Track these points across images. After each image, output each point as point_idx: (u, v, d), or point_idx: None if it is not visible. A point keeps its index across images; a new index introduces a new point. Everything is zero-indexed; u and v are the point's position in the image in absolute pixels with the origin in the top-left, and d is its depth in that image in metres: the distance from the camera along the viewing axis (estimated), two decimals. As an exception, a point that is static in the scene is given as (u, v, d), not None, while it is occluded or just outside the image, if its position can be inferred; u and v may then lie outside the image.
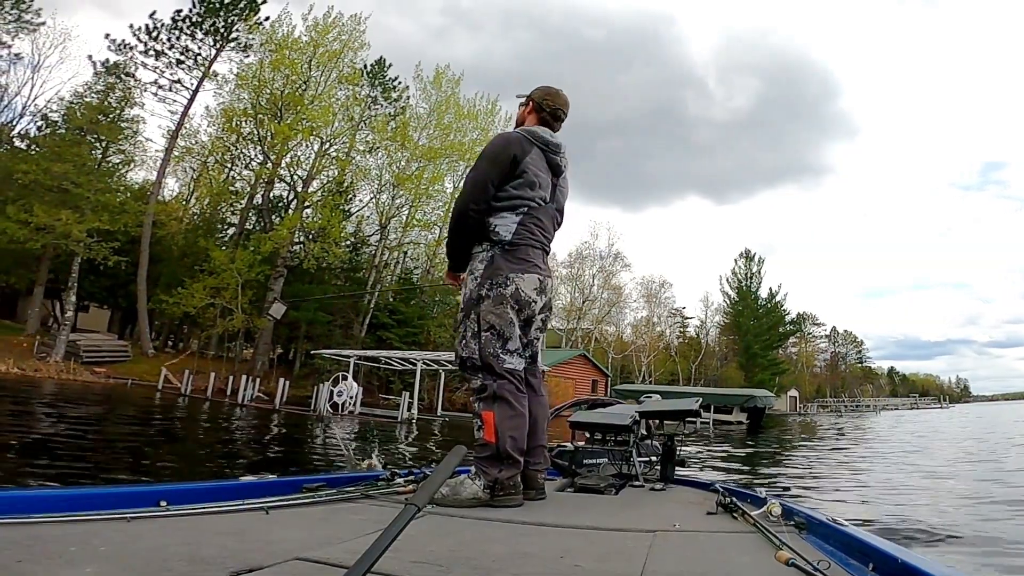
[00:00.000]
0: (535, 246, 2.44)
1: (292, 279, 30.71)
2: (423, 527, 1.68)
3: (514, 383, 2.30)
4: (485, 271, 2.37)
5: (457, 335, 2.46)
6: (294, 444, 11.85)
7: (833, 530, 1.56)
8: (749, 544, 1.57)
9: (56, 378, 22.53)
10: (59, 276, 26.92)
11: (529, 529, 1.79)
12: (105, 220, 24.82)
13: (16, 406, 12.65)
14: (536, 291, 2.40)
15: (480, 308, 2.35)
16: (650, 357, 55.95)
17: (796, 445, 17.55)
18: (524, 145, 2.43)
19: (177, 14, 29.75)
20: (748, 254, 63.19)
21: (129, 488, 1.72)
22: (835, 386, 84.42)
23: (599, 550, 1.54)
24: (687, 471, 4.85)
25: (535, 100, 2.61)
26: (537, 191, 2.44)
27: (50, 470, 5.94)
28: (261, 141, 30.64)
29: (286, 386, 22.62)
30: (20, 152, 25.06)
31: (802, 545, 1.51)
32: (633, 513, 2.22)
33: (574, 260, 51.41)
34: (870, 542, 1.34)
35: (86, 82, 27.83)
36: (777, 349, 64.10)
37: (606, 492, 2.59)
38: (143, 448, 8.63)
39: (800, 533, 1.69)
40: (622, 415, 3.22)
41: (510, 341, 2.33)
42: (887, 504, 6.31)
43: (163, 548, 1.24)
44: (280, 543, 1.37)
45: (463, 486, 2.18)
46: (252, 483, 2.04)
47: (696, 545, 1.65)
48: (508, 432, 2.22)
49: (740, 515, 1.90)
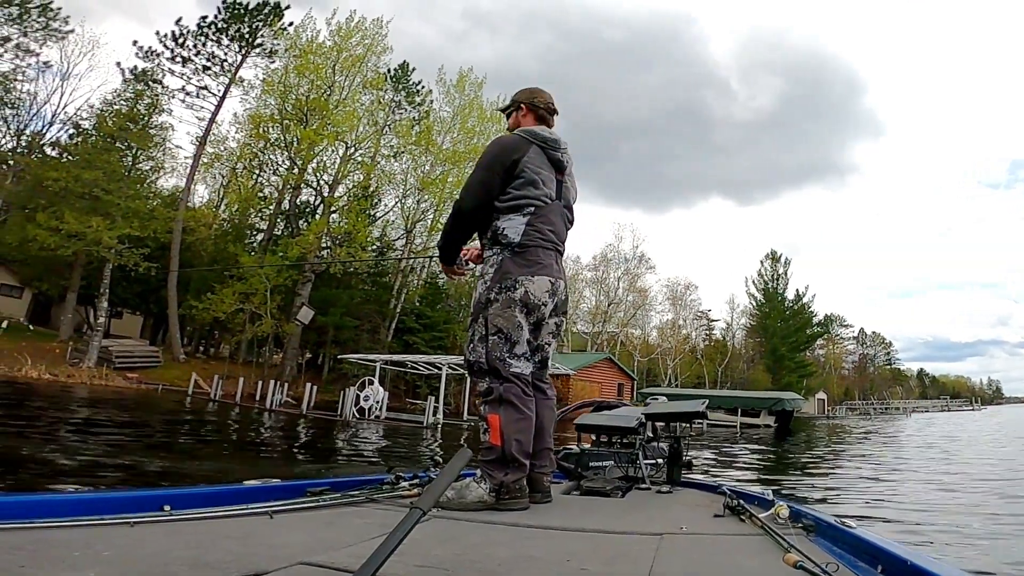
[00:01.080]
0: (546, 247, 2.35)
1: (320, 284, 30.48)
2: (428, 531, 1.64)
3: (520, 386, 2.24)
4: (494, 275, 2.31)
5: (466, 339, 2.42)
6: (310, 449, 11.54)
7: (841, 532, 1.52)
8: (757, 547, 1.53)
9: (88, 383, 22.49)
10: (91, 283, 26.87)
11: (535, 532, 1.76)
12: (135, 227, 24.67)
13: (36, 410, 12.41)
14: (547, 294, 2.33)
15: (488, 312, 2.30)
16: (676, 360, 54.91)
17: (831, 450, 16.58)
18: (520, 145, 2.37)
19: (203, 20, 29.88)
20: (774, 255, 61.98)
21: (133, 492, 1.70)
22: (864, 388, 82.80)
23: (605, 553, 1.51)
24: (697, 473, 4.45)
25: (526, 102, 2.56)
26: (541, 189, 2.36)
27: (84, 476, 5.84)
28: (288, 147, 30.51)
29: (313, 391, 22.26)
30: (50, 160, 25.06)
31: (810, 547, 1.46)
32: (639, 516, 2.17)
33: (599, 263, 50.79)
34: (879, 544, 1.30)
35: (115, 89, 27.92)
36: (804, 351, 62.95)
37: (612, 495, 2.53)
38: (167, 451, 8.48)
39: (808, 535, 1.65)
40: (628, 417, 3.17)
41: (517, 345, 2.28)
42: (915, 511, 6.01)
43: (167, 552, 1.23)
44: (284, 547, 1.34)
45: (469, 489, 2.13)
46: (256, 487, 1.97)
47: (703, 548, 1.62)
48: (514, 436, 2.17)
49: (747, 517, 1.86)
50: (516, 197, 2.33)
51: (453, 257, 2.54)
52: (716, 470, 10.66)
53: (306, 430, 15.31)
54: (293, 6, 32.02)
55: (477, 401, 2.98)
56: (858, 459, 13.50)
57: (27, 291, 31.41)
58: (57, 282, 28.06)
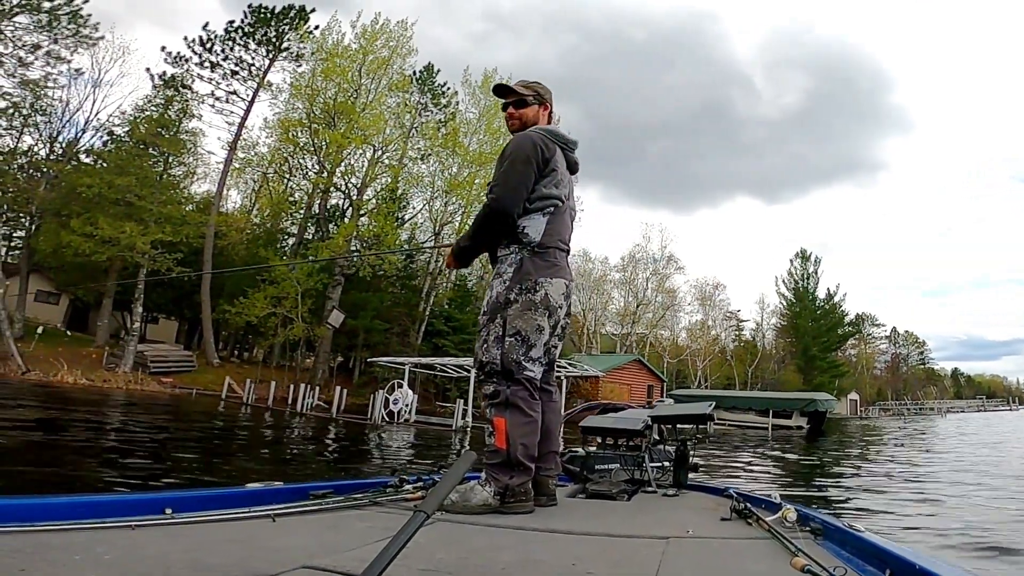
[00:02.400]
0: (561, 248, 2.30)
1: (349, 287, 30.17)
2: (432, 534, 1.60)
3: (529, 390, 2.18)
4: (514, 275, 2.22)
5: (479, 339, 2.29)
6: (337, 453, 11.23)
7: (849, 536, 1.49)
8: (764, 550, 1.49)
9: (124, 388, 22.32)
10: (126, 288, 26.75)
11: (540, 536, 1.71)
12: (168, 232, 24.40)
13: (64, 414, 12.03)
14: (563, 296, 2.28)
15: (507, 312, 2.20)
16: (705, 361, 53.48)
17: (872, 452, 15.39)
18: (549, 144, 2.28)
19: (230, 25, 29.56)
20: (804, 254, 59.97)
21: (134, 496, 1.63)
22: (897, 388, 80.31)
23: (611, 557, 1.48)
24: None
25: (550, 101, 2.49)
26: (563, 189, 2.31)
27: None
28: (317, 151, 30.21)
29: (343, 394, 21.93)
30: (84, 166, 24.97)
31: (818, 551, 1.40)
32: (645, 519, 2.10)
33: (627, 264, 49.59)
34: (887, 548, 1.29)
35: (145, 95, 27.80)
36: (836, 351, 60.97)
37: (618, 498, 2.47)
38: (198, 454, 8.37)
39: (816, 539, 1.60)
40: (634, 420, 3.11)
41: (534, 348, 2.20)
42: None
43: (168, 556, 1.20)
44: (287, 551, 1.32)
45: (473, 493, 2.06)
46: (258, 490, 1.89)
47: (710, 552, 1.57)
48: (520, 439, 2.12)
49: (755, 521, 1.79)
50: (544, 196, 2.24)
51: (471, 260, 2.46)
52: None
53: (336, 434, 14.93)
54: (318, 10, 31.79)
55: (483, 403, 2.32)
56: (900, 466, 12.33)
57: (64, 297, 31.61)
58: (93, 288, 28.08)
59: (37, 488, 5.12)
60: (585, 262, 48.92)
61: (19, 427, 9.10)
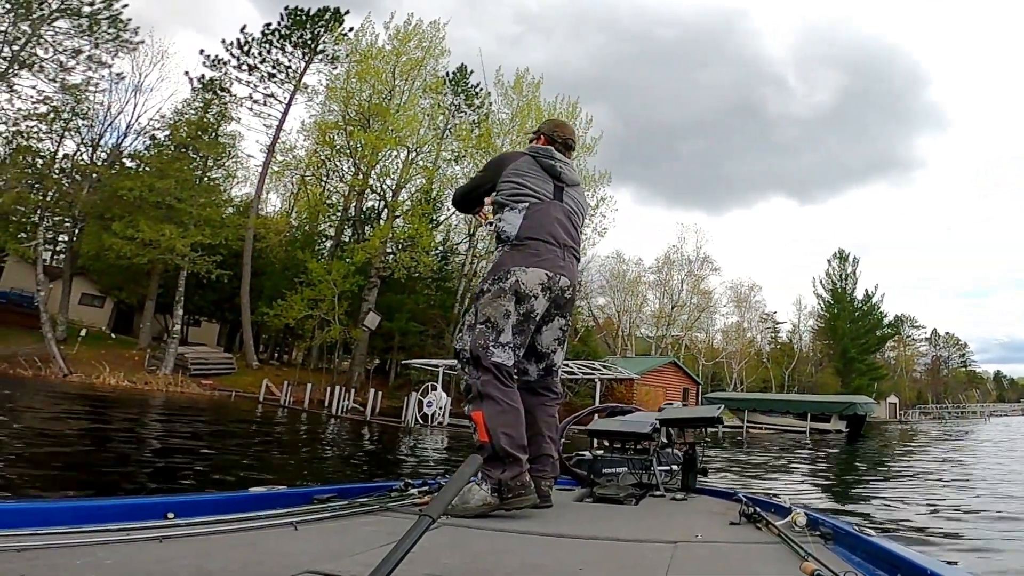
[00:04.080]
0: (547, 242, 2.26)
1: (385, 289, 29.58)
2: (437, 539, 1.54)
3: (499, 378, 2.11)
4: (492, 268, 2.28)
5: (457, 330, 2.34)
6: (370, 456, 10.88)
7: (860, 540, 1.45)
8: (774, 555, 1.46)
9: (164, 390, 22.00)
10: (168, 291, 26.56)
11: (546, 540, 1.66)
12: (207, 234, 24.04)
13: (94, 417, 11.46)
14: (540, 286, 2.21)
15: (479, 302, 2.24)
16: (741, 364, 51.36)
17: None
18: (514, 155, 2.45)
19: (267, 27, 29.31)
20: (842, 254, 57.68)
21: (136, 500, 1.57)
22: (937, 391, 76.73)
23: (618, 562, 1.44)
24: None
25: (547, 133, 2.58)
26: (532, 185, 2.33)
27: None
28: (353, 153, 29.68)
29: (378, 397, 21.31)
30: (125, 170, 24.79)
31: (828, 556, 1.38)
32: (653, 523, 2.05)
33: (662, 265, 48.00)
34: (898, 552, 1.25)
35: (185, 99, 27.59)
36: (875, 353, 58.40)
37: (626, 502, 2.41)
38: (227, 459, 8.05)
39: (826, 544, 1.56)
40: (642, 423, 2.99)
41: (503, 334, 2.16)
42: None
43: (170, 561, 1.18)
44: (290, 556, 1.29)
45: (471, 493, 1.98)
46: (262, 494, 1.82)
47: (719, 556, 1.52)
48: (501, 429, 2.02)
49: (764, 525, 1.75)
50: (509, 193, 2.31)
51: (467, 211, 2.69)
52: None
53: (368, 437, 14.51)
54: (352, 11, 31.56)
55: (462, 403, 2.12)
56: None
57: (109, 300, 31.65)
58: (136, 291, 27.97)
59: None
60: (619, 263, 47.57)
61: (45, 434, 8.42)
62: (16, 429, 8.05)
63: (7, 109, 21.47)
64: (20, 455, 6.02)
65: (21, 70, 21.14)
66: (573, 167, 2.52)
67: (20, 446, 6.63)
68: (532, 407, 2.29)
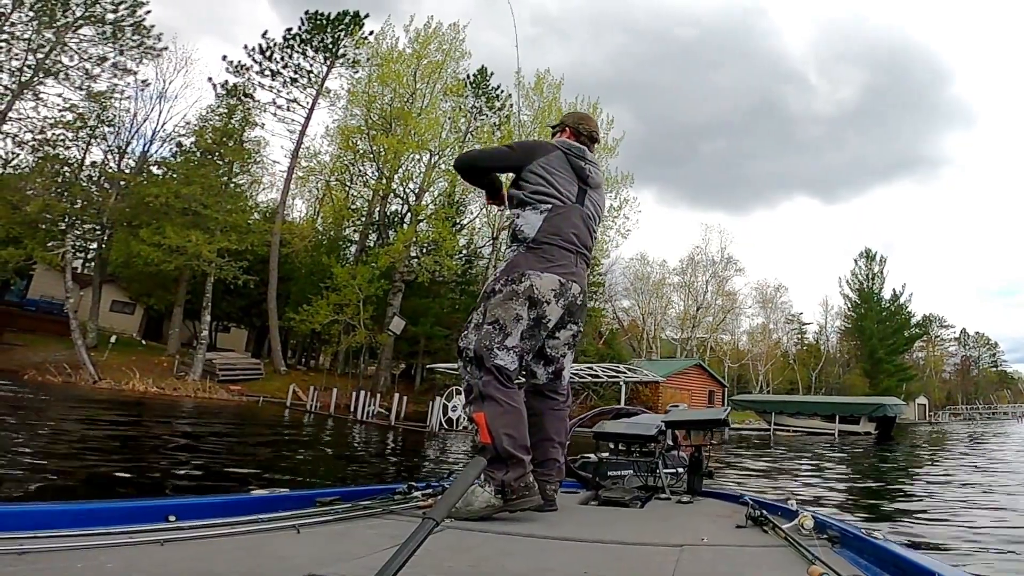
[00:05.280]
0: (563, 247, 2.20)
1: (409, 294, 29.08)
2: (441, 542, 1.50)
3: (500, 379, 2.04)
4: (505, 268, 2.20)
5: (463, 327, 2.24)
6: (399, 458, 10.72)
7: (867, 544, 1.41)
8: (780, 558, 1.42)
9: (192, 396, 21.72)
10: (197, 297, 26.30)
11: (551, 543, 1.61)
12: (233, 240, 23.64)
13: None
14: (553, 293, 2.14)
15: (489, 302, 2.16)
16: (767, 366, 50.01)
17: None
18: (546, 147, 2.32)
19: (288, 32, 29.07)
20: (868, 254, 55.87)
21: (137, 503, 1.53)
22: (967, 392, 74.18)
23: (624, 565, 1.41)
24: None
25: (571, 126, 2.49)
26: (558, 188, 2.24)
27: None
28: (376, 157, 29.27)
29: (404, 402, 20.75)
30: (152, 177, 24.60)
31: (835, 559, 1.35)
32: (659, 527, 1.99)
33: (686, 266, 46.93)
34: (906, 556, 1.21)
35: (209, 105, 27.35)
36: (903, 354, 56.40)
37: (631, 505, 2.34)
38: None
39: (833, 547, 1.51)
40: (647, 425, 2.91)
41: (509, 337, 2.08)
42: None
43: (171, 564, 1.16)
44: (293, 559, 1.27)
45: (474, 495, 1.92)
46: (264, 497, 1.79)
47: (725, 560, 1.49)
48: (502, 430, 1.97)
49: (771, 528, 1.70)
50: (533, 192, 2.21)
51: (474, 182, 2.51)
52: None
53: (394, 441, 14.34)
54: (371, 15, 31.34)
55: (464, 405, 2.10)
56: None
57: (139, 307, 31.59)
58: (164, 297, 27.79)
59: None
60: (643, 266, 46.64)
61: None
62: (50, 434, 7.91)
63: (33, 118, 21.38)
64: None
65: (47, 78, 21.03)
66: (599, 168, 2.44)
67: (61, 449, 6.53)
68: (541, 411, 2.25)
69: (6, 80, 20.78)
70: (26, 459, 5.84)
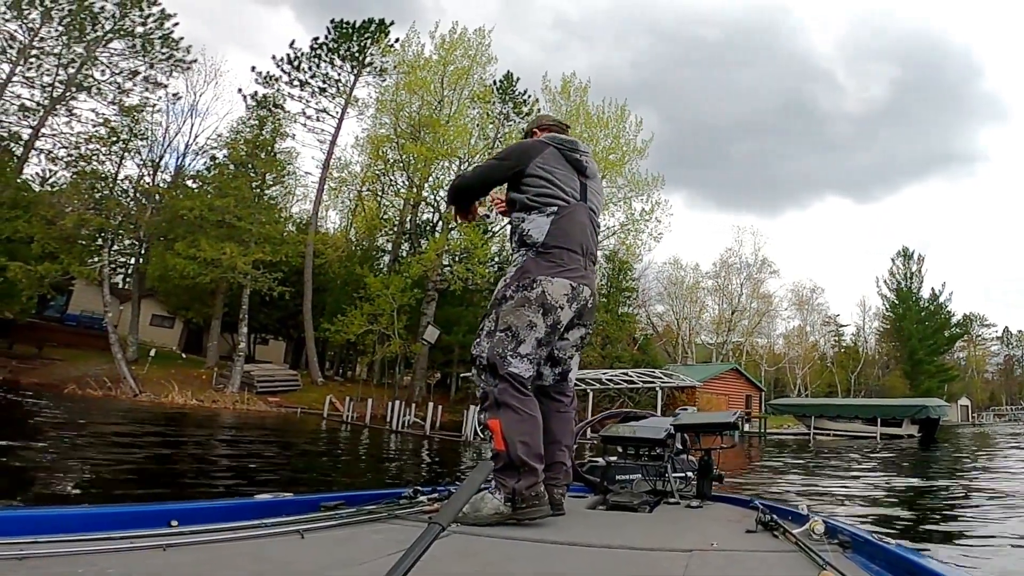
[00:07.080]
0: (571, 249, 2.10)
1: (443, 303, 28.33)
2: (447, 547, 1.46)
3: (516, 387, 1.95)
4: (515, 274, 2.08)
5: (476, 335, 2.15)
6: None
7: (879, 549, 1.35)
8: (791, 563, 1.37)
9: (232, 408, 21.29)
10: (234, 310, 25.92)
11: (558, 549, 1.55)
12: (268, 251, 23.12)
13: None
14: (566, 297, 2.05)
15: (501, 308, 2.05)
16: (804, 369, 47.79)
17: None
18: (537, 145, 2.17)
19: (315, 42, 28.67)
20: (906, 252, 53.46)
21: (139, 507, 1.48)
22: (1011, 392, 70.14)
23: (632, 571, 1.37)
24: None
25: (537, 127, 2.45)
26: (562, 187, 2.13)
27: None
28: (406, 166, 28.69)
29: (438, 411, 20.12)
30: (186, 190, 24.33)
31: (847, 564, 1.30)
32: (668, 531, 1.90)
33: (719, 270, 45.22)
34: (918, 561, 1.17)
35: (240, 117, 27.03)
36: (944, 354, 53.70)
37: (639, 509, 2.23)
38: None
39: (844, 552, 1.44)
40: (656, 428, 2.79)
41: (523, 344, 1.98)
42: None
43: (174, 570, 1.13)
44: (297, 564, 1.25)
45: (484, 502, 1.85)
46: (268, 502, 1.72)
47: (735, 565, 1.43)
48: (517, 438, 1.88)
49: (781, 533, 1.61)
50: (537, 195, 2.10)
51: (461, 208, 2.34)
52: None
53: (429, 450, 14.16)
54: (396, 23, 30.76)
55: (477, 411, 2.34)
56: None
57: (178, 320, 31.45)
58: (202, 310, 27.48)
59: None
60: (676, 270, 45.07)
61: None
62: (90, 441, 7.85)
63: (67, 133, 21.23)
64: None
65: (79, 93, 20.87)
66: (591, 155, 2.28)
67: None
68: (547, 413, 2.10)
69: (38, 96, 20.67)
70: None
